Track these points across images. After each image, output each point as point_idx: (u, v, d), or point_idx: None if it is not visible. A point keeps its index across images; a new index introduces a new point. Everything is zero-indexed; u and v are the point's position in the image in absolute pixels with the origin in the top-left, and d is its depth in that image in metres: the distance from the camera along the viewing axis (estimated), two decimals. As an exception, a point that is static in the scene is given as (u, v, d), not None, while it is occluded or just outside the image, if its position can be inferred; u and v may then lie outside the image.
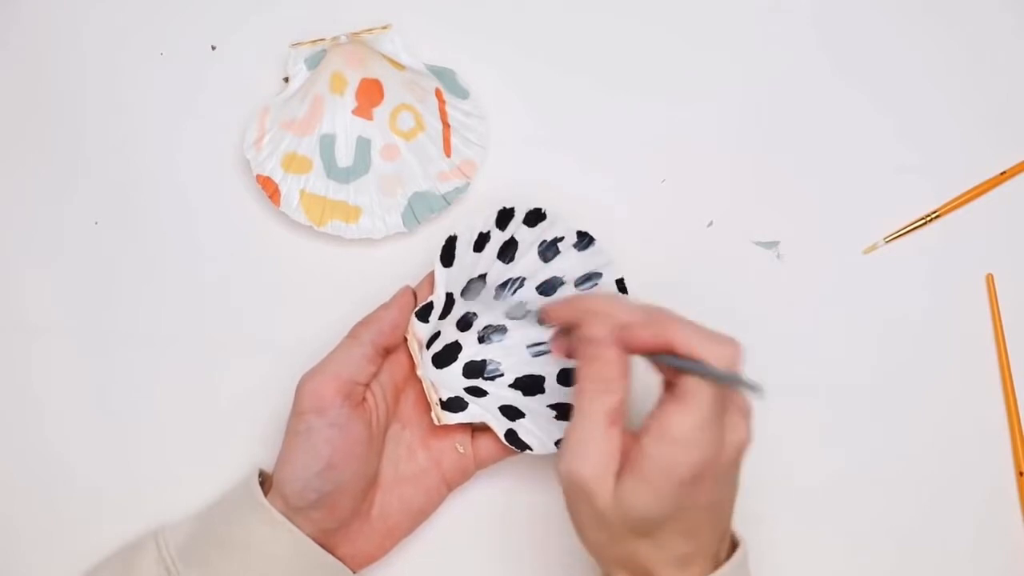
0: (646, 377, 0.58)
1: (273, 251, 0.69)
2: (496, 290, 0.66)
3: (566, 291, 0.66)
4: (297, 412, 0.60)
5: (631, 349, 0.55)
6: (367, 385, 0.62)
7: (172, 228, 0.69)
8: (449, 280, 0.63)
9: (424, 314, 0.63)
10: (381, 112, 0.69)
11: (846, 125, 0.71)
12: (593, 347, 0.55)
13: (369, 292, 0.66)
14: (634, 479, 0.53)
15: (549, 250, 0.65)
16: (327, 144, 0.68)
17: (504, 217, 0.64)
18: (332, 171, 0.68)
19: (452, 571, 0.67)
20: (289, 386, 0.61)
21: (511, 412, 0.65)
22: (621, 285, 0.66)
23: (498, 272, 0.66)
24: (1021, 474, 0.67)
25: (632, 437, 0.54)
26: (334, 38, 0.67)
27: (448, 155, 0.68)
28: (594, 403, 0.55)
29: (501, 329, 0.67)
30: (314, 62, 0.67)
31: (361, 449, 0.60)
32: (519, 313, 0.66)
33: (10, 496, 0.67)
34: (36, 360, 0.68)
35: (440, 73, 0.68)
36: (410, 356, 0.63)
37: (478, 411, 0.64)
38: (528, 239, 0.65)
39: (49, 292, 0.68)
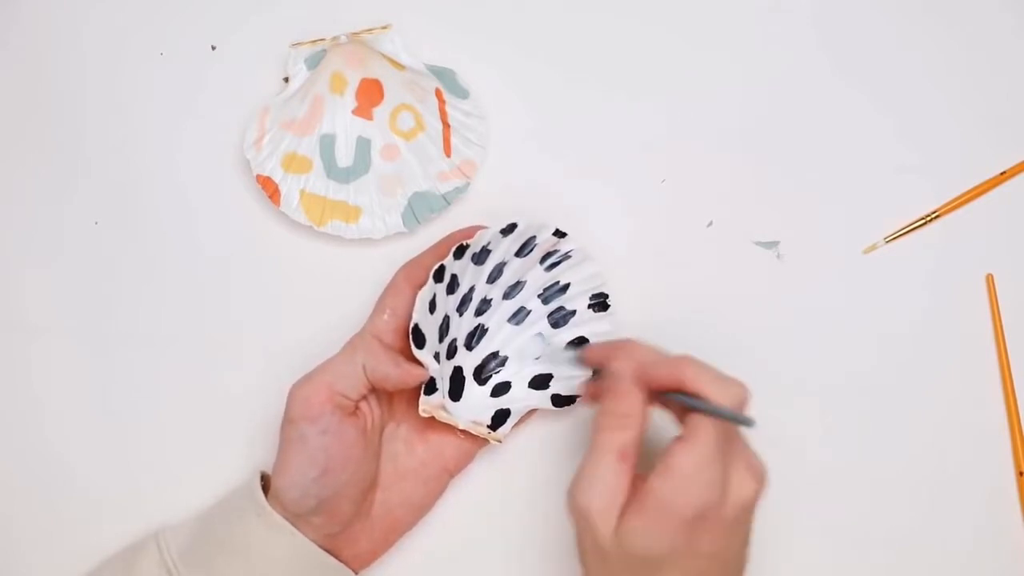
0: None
1: (273, 251, 0.69)
2: (455, 312, 0.65)
3: (513, 268, 0.66)
4: (289, 419, 0.60)
5: (648, 384, 0.57)
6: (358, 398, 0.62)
7: (172, 228, 0.69)
8: (430, 349, 0.63)
9: (430, 389, 0.63)
10: (381, 112, 0.69)
11: (846, 125, 0.71)
12: (613, 382, 0.57)
13: (369, 292, 0.66)
14: (636, 514, 0.54)
15: (481, 256, 0.65)
16: (327, 144, 0.69)
17: (439, 272, 0.63)
18: (332, 171, 0.68)
19: (453, 561, 0.67)
20: (289, 386, 0.61)
21: (540, 381, 0.66)
22: (559, 232, 0.65)
23: (452, 303, 0.65)
24: (1021, 474, 0.67)
25: (643, 478, 0.55)
26: (334, 38, 0.67)
27: (448, 155, 0.68)
28: (608, 437, 0.56)
29: (480, 330, 0.67)
30: (314, 62, 0.67)
31: (357, 453, 0.60)
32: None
33: (10, 496, 0.67)
34: (36, 360, 0.68)
35: (440, 73, 0.68)
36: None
37: (520, 407, 0.65)
38: (461, 266, 0.64)
39: (49, 292, 0.68)
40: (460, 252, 0.63)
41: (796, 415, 0.68)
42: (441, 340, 0.65)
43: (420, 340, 0.62)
